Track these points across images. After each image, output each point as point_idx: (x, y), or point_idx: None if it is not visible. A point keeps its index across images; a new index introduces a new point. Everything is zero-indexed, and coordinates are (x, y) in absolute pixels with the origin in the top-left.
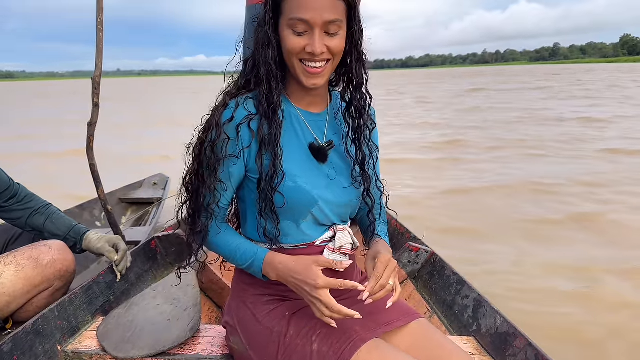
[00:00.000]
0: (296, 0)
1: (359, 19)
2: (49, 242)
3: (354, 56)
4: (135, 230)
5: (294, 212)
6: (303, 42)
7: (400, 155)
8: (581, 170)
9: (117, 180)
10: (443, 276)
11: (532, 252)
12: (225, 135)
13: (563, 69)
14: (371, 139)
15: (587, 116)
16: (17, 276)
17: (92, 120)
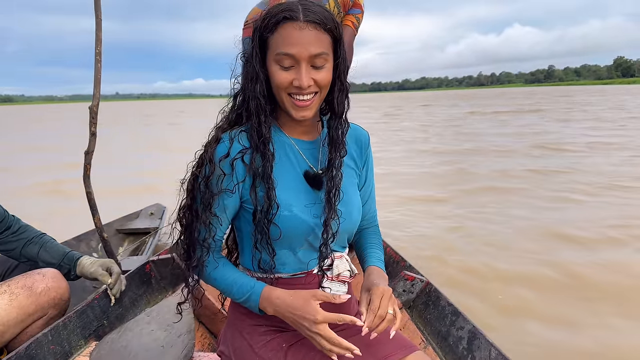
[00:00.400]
0: (282, 36)
1: (344, 51)
2: (43, 270)
3: (337, 86)
4: (131, 259)
5: (290, 240)
6: (290, 76)
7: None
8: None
9: (113, 209)
10: (438, 306)
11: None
12: (220, 171)
13: (566, 91)
14: (354, 163)
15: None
16: (10, 305)
17: (89, 149)
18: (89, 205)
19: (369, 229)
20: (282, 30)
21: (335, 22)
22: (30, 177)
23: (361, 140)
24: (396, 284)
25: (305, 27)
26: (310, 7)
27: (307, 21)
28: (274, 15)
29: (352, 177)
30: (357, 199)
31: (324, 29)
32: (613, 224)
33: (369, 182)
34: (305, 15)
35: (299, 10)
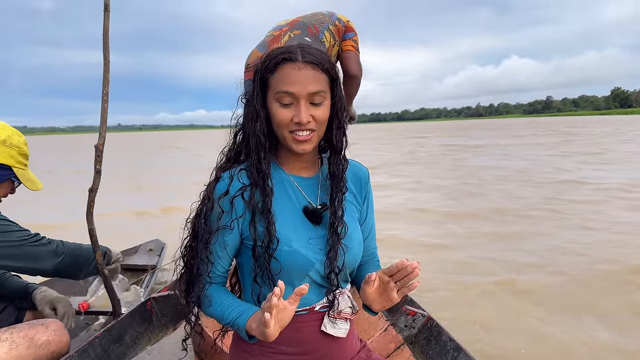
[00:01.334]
0: (282, 76)
1: (341, 90)
2: (47, 322)
3: (335, 124)
4: (124, 295)
5: (290, 275)
6: (290, 113)
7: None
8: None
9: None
10: (440, 342)
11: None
12: (219, 208)
13: (575, 121)
14: (354, 199)
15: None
16: (9, 354)
17: (93, 187)
18: (91, 242)
19: (369, 262)
20: (282, 70)
21: (332, 63)
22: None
23: (360, 176)
24: (397, 318)
25: (304, 67)
26: (307, 50)
27: (305, 62)
28: (274, 57)
29: (353, 212)
30: (358, 234)
31: (321, 69)
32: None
33: (370, 218)
34: (303, 57)
35: (298, 52)
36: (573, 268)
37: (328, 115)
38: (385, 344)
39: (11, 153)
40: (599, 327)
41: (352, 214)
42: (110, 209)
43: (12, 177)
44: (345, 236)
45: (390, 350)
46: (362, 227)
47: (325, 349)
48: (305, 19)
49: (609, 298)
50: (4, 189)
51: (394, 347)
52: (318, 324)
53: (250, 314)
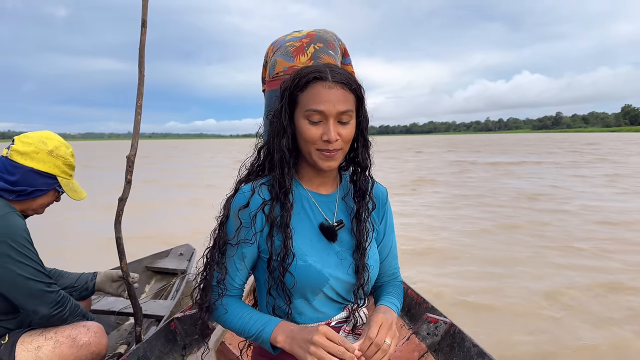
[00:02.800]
0: (312, 94)
1: (365, 109)
2: (88, 324)
3: (360, 142)
4: (157, 303)
5: (305, 290)
6: (319, 131)
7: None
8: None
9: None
10: (463, 348)
11: None
12: (238, 221)
13: (589, 138)
14: (372, 219)
15: None
16: (53, 352)
17: (123, 196)
18: (117, 250)
19: (390, 282)
20: (312, 89)
21: (358, 83)
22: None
23: (379, 196)
24: (420, 327)
25: (334, 87)
26: (336, 70)
27: (335, 81)
28: (305, 76)
29: (370, 231)
30: (374, 253)
31: (349, 89)
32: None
33: (388, 238)
34: (333, 77)
35: (327, 71)
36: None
37: (353, 134)
38: (408, 352)
39: (57, 163)
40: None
41: (369, 234)
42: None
43: (56, 186)
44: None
45: (414, 359)
46: (379, 246)
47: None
48: (320, 33)
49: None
50: (49, 197)
51: (417, 356)
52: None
53: (274, 326)
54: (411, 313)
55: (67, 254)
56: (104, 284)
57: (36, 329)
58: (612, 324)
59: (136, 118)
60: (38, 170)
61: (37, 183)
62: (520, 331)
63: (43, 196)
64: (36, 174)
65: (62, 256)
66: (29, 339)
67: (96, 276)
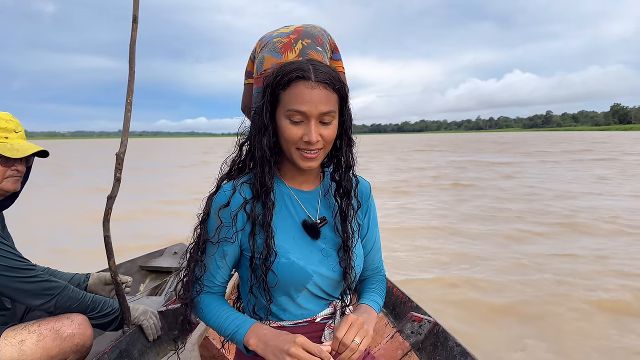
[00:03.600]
0: (294, 94)
1: (349, 108)
2: (72, 316)
3: (344, 141)
4: (149, 300)
5: (288, 287)
6: (300, 131)
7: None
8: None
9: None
10: (446, 347)
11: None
12: (219, 220)
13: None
14: (357, 218)
15: None
16: (37, 345)
17: (112, 194)
18: (106, 249)
19: (373, 276)
20: (294, 88)
21: (342, 82)
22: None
23: (362, 190)
24: (404, 325)
25: (316, 87)
26: (320, 68)
27: (318, 81)
28: (287, 74)
29: (354, 226)
30: (358, 248)
31: (332, 88)
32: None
33: (372, 232)
34: (316, 76)
35: (310, 70)
36: None
37: (335, 134)
38: (392, 351)
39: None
40: None
41: (354, 228)
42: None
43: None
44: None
45: (397, 357)
46: (363, 241)
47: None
48: (307, 29)
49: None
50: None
51: (401, 354)
52: (319, 335)
53: (247, 327)
54: (396, 311)
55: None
56: (96, 286)
57: (19, 324)
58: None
59: (126, 115)
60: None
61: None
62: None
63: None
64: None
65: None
66: (12, 334)
67: (89, 278)
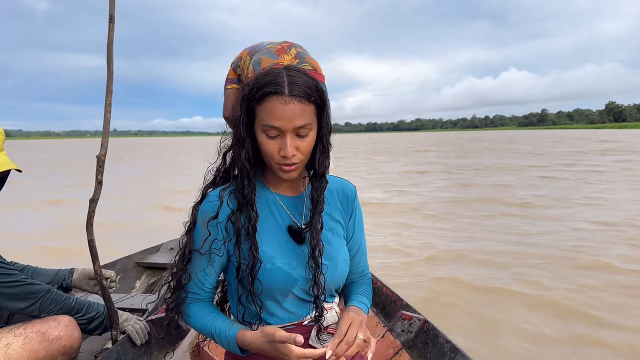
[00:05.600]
0: (268, 109)
1: (328, 116)
2: (59, 318)
3: (319, 148)
4: (143, 297)
5: (274, 292)
6: (276, 145)
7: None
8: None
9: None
10: (437, 344)
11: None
12: (207, 231)
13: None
14: (336, 221)
15: None
16: (23, 348)
17: (94, 197)
18: (90, 253)
19: (359, 281)
20: (268, 103)
21: (320, 89)
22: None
23: (347, 193)
24: (394, 324)
25: (290, 102)
26: (295, 80)
27: (292, 95)
28: (261, 88)
29: (338, 229)
30: (343, 251)
31: (308, 100)
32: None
33: (357, 235)
34: (290, 90)
35: (285, 83)
36: None
37: (312, 146)
38: (383, 350)
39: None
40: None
41: (338, 232)
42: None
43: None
44: (328, 254)
45: (389, 356)
46: (349, 244)
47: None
48: (295, 42)
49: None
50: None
51: (392, 353)
52: (307, 337)
53: (235, 341)
54: (386, 310)
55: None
56: (80, 281)
57: (5, 327)
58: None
59: (105, 116)
60: None
61: None
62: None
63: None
64: None
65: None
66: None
67: (73, 273)
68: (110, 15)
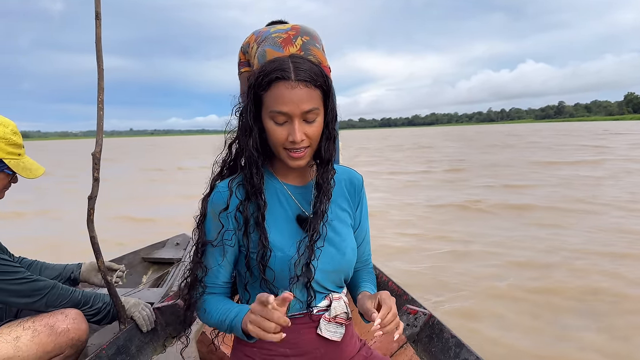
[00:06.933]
0: (275, 95)
1: (333, 101)
2: (66, 311)
3: (324, 134)
4: (150, 291)
5: (284, 281)
6: (285, 131)
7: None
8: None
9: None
10: (442, 339)
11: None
12: (219, 222)
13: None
14: (347, 205)
15: None
16: (32, 341)
17: (92, 194)
18: (93, 249)
19: (363, 269)
20: (275, 89)
21: (324, 75)
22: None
23: (354, 183)
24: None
25: (297, 86)
26: (300, 65)
27: (299, 80)
28: (267, 75)
29: (346, 218)
30: (350, 240)
31: (314, 85)
32: None
33: (363, 225)
34: (296, 75)
35: (290, 69)
36: None
37: (321, 131)
38: (388, 343)
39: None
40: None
41: (345, 221)
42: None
43: (4, 169)
44: (336, 243)
45: (393, 349)
46: (355, 233)
47: (323, 349)
48: (304, 26)
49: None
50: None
51: (397, 347)
52: (315, 326)
53: (244, 313)
54: None
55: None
56: (89, 273)
57: (14, 320)
58: None
59: (99, 114)
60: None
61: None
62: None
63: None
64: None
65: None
66: (7, 330)
67: (81, 267)
68: (96, 12)
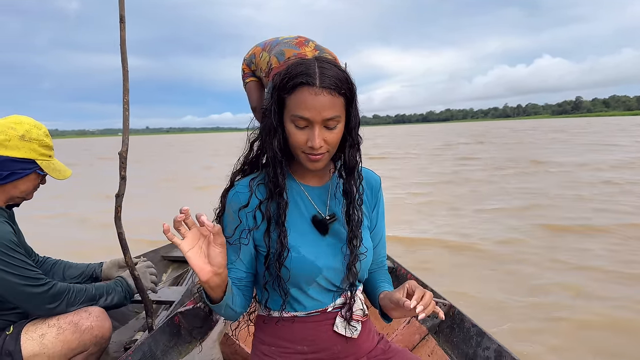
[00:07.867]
0: (298, 100)
1: (356, 109)
2: (90, 309)
3: (348, 142)
4: (170, 290)
5: (299, 280)
6: (305, 136)
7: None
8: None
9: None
10: (463, 329)
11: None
12: (237, 219)
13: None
14: (365, 211)
15: None
16: (57, 338)
17: (119, 192)
18: (121, 245)
19: (378, 270)
20: (299, 93)
21: (349, 82)
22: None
23: (372, 184)
24: None
25: (321, 93)
26: (326, 71)
27: (323, 87)
28: (292, 78)
29: (364, 220)
30: (368, 241)
31: (338, 92)
32: None
33: (380, 226)
34: (321, 81)
35: (316, 74)
36: None
37: (340, 138)
38: (409, 335)
39: (32, 147)
40: None
41: (363, 222)
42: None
43: (36, 169)
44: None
45: (415, 341)
46: (371, 234)
47: (340, 345)
48: (310, 39)
49: None
50: (30, 181)
51: (419, 338)
52: (331, 324)
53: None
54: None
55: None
56: (110, 270)
57: (39, 318)
58: None
59: (124, 114)
60: (15, 158)
61: (14, 168)
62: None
63: (24, 180)
64: (14, 162)
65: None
66: (33, 328)
67: (102, 265)
68: (120, 15)
